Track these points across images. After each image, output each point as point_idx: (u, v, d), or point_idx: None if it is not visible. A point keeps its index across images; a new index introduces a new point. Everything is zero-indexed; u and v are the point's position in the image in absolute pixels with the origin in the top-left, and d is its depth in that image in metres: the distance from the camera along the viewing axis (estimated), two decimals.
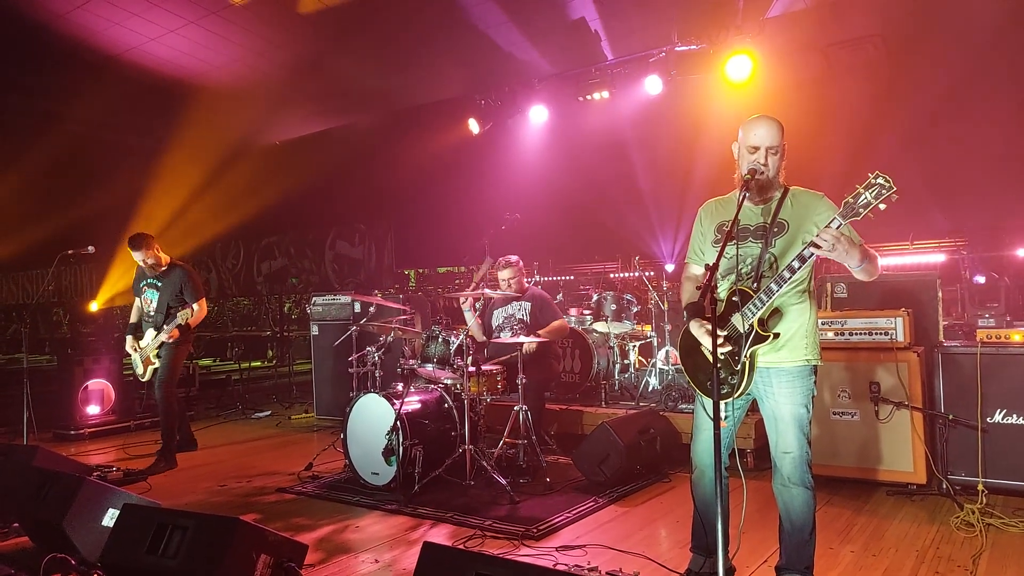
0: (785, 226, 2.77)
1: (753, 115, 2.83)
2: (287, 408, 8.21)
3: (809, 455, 2.81)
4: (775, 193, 2.82)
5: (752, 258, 2.77)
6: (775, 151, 2.76)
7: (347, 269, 11.84)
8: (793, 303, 2.79)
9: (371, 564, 3.44)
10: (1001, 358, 4.19)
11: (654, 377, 6.14)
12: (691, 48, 6.98)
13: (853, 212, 2.47)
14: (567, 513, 4.04)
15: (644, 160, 8.01)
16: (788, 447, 2.79)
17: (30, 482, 3.56)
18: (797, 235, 2.73)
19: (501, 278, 5.46)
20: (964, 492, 4.16)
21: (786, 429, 2.79)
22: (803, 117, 6.39)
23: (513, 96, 8.38)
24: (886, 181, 2.43)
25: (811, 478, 2.81)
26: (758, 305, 2.67)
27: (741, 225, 2.80)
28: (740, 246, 2.78)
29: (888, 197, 2.42)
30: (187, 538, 2.71)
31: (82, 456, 5.89)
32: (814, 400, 2.84)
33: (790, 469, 2.79)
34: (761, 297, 2.67)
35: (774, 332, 2.71)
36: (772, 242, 2.75)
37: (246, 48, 7.60)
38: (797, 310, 2.80)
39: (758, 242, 2.78)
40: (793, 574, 2.85)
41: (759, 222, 2.82)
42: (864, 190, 2.45)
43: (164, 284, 5.61)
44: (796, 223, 2.76)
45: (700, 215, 3.05)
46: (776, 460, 2.85)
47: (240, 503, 4.52)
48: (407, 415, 4.48)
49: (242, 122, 10.11)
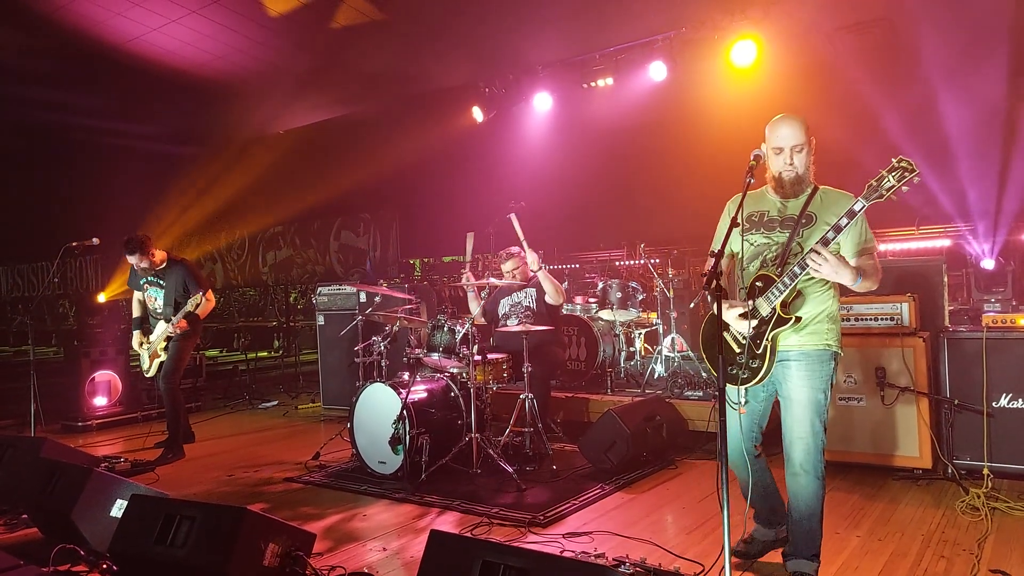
0: (813, 218, 2.82)
1: (777, 115, 2.88)
2: (294, 398, 8.24)
3: (823, 443, 2.82)
4: (805, 188, 2.88)
5: (779, 246, 2.83)
6: (799, 148, 2.81)
7: (352, 259, 11.85)
8: (816, 290, 2.84)
9: (379, 552, 3.46)
10: (1007, 343, 4.17)
11: (660, 364, 6.14)
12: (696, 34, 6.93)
13: (877, 194, 2.57)
14: (573, 500, 4.05)
15: (650, 147, 7.97)
16: (802, 432, 2.80)
17: (38, 474, 3.58)
18: (820, 227, 2.77)
19: (505, 270, 5.45)
20: (969, 476, 4.16)
21: (801, 413, 2.80)
22: (808, 101, 6.35)
23: (517, 83, 8.35)
24: (909, 164, 2.54)
25: (823, 468, 2.82)
26: (781, 289, 2.72)
27: (770, 216, 2.89)
28: (767, 235, 2.86)
29: (911, 180, 2.54)
30: (195, 528, 2.73)
31: (90, 447, 5.92)
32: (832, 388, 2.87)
33: (803, 456, 2.80)
34: (785, 280, 2.72)
35: (796, 316, 2.75)
36: (800, 232, 2.80)
37: (249, 37, 7.57)
38: (820, 296, 2.84)
39: (785, 231, 2.83)
40: (800, 560, 2.87)
41: (789, 214, 2.87)
42: (888, 173, 2.57)
43: (167, 281, 5.56)
44: (823, 216, 2.80)
45: (728, 207, 3.11)
46: (788, 447, 2.85)
47: (248, 493, 4.55)
48: (413, 404, 4.49)
49: (246, 112, 10.10)
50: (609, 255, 9.43)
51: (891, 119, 6.49)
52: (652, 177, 8.01)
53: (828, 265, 2.58)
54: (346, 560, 3.34)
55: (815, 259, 2.59)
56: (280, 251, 12.94)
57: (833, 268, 2.59)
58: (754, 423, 3.00)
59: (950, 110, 6.45)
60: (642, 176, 8.14)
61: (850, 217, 2.60)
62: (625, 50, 7.51)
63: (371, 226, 11.62)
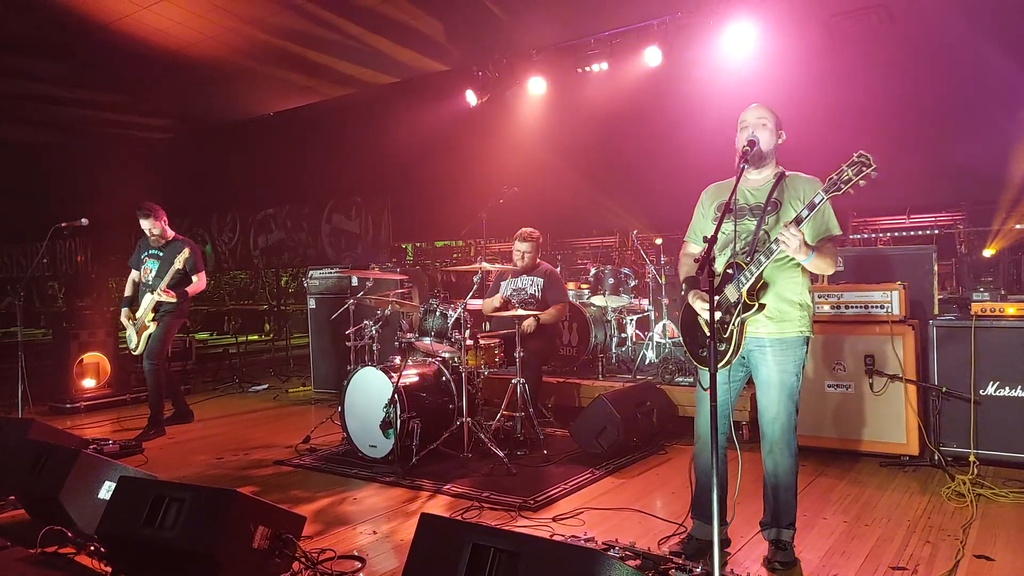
0: (778, 205, 2.92)
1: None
2: (284, 381, 8.23)
3: (795, 421, 2.98)
4: (770, 172, 2.98)
5: (748, 233, 2.91)
6: (764, 123, 2.93)
7: (344, 242, 11.79)
8: (788, 276, 2.94)
9: (369, 535, 3.46)
10: (995, 331, 4.20)
11: (651, 350, 6.15)
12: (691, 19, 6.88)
13: (835, 188, 2.64)
14: (564, 485, 4.06)
15: (644, 133, 7.92)
16: (777, 413, 2.96)
17: (26, 455, 3.56)
18: (787, 212, 2.88)
19: (517, 248, 5.43)
20: (956, 463, 4.20)
21: (777, 395, 2.95)
22: (803, 88, 6.34)
23: (511, 67, 8.27)
24: (867, 160, 2.60)
25: (796, 444, 3.00)
26: (748, 276, 2.81)
27: (739, 204, 2.95)
28: (737, 223, 2.93)
29: (867, 175, 2.59)
30: (184, 510, 2.71)
31: (78, 429, 5.90)
32: (804, 370, 3.01)
33: (778, 434, 2.96)
34: (752, 268, 2.80)
35: (760, 303, 2.83)
36: (766, 219, 2.90)
37: (240, 17, 7.47)
38: (792, 283, 2.95)
39: (754, 219, 2.92)
40: (779, 528, 3.02)
41: (755, 201, 2.97)
42: (847, 168, 2.63)
43: (166, 254, 5.69)
44: (788, 201, 2.92)
45: (702, 197, 3.22)
46: (764, 426, 3.01)
47: (237, 476, 4.55)
48: (405, 388, 4.48)
49: (237, 93, 9.99)
50: (602, 241, 9.42)
51: (884, 106, 6.48)
52: (646, 163, 7.97)
53: (795, 240, 2.66)
54: (336, 543, 3.35)
55: (784, 235, 2.67)
56: (271, 234, 12.86)
57: (798, 246, 2.68)
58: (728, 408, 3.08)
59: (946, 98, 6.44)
60: (636, 162, 8.10)
61: (810, 209, 2.70)
62: (620, 35, 7.44)
63: (363, 209, 11.55)
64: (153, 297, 5.55)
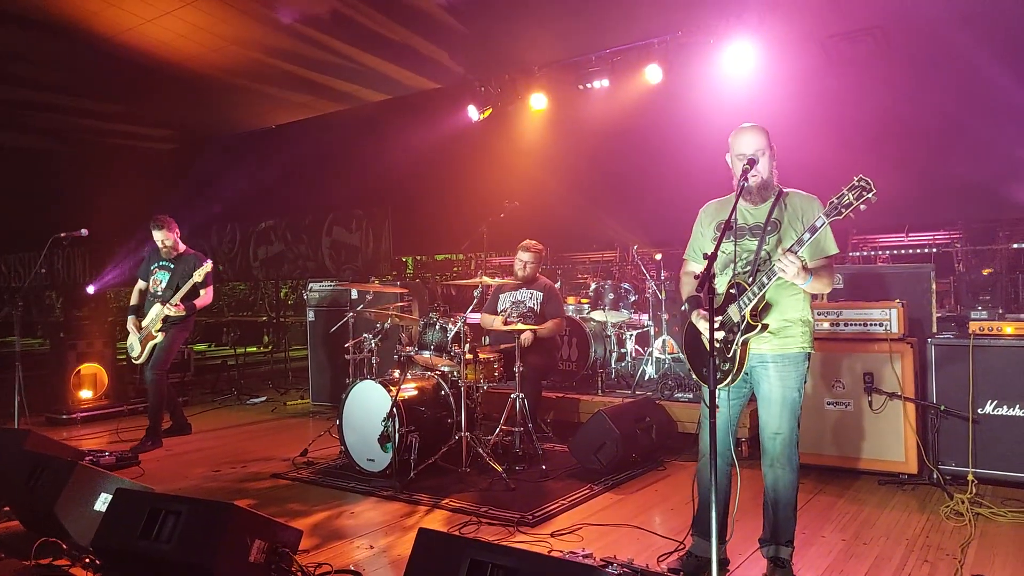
0: (778, 225, 2.93)
1: (742, 124, 2.98)
2: (283, 394, 8.20)
3: (797, 437, 2.98)
4: (771, 194, 2.98)
5: (749, 253, 2.92)
6: (762, 152, 2.91)
7: (344, 255, 11.81)
8: (790, 295, 2.94)
9: (366, 550, 3.45)
10: (993, 350, 4.21)
11: (651, 366, 6.15)
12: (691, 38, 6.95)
13: (836, 212, 2.65)
14: (562, 500, 4.05)
15: (644, 149, 7.98)
16: (779, 428, 2.96)
17: (22, 466, 3.55)
18: (788, 233, 2.90)
19: (520, 258, 5.44)
20: (954, 482, 4.19)
21: (779, 411, 2.95)
22: (801, 107, 6.39)
23: (513, 83, 8.33)
24: (867, 184, 2.60)
25: (797, 459, 2.99)
26: (751, 297, 2.83)
27: (739, 224, 2.96)
28: (738, 243, 2.94)
29: (868, 199, 2.60)
30: (181, 523, 2.71)
31: (74, 441, 5.88)
32: (805, 387, 3.02)
33: (779, 450, 2.96)
34: (754, 290, 2.82)
35: (763, 323, 2.85)
36: (766, 239, 2.91)
37: (243, 31, 7.53)
38: (793, 301, 2.96)
39: (754, 239, 2.93)
40: (778, 546, 3.00)
41: (755, 221, 2.98)
42: (847, 191, 2.63)
43: (177, 267, 5.73)
44: (788, 222, 2.93)
45: (700, 215, 3.22)
46: (765, 442, 3.01)
47: (234, 488, 4.53)
48: (403, 402, 4.47)
49: (238, 106, 10.04)
50: (602, 256, 9.44)
51: (882, 125, 6.53)
52: (646, 179, 8.01)
53: (794, 267, 2.68)
54: (333, 558, 3.33)
55: (783, 261, 2.69)
56: (271, 246, 12.88)
57: (796, 272, 2.70)
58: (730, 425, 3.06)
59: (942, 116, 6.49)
60: (636, 178, 8.15)
61: (812, 233, 2.72)
62: (621, 52, 7.51)
63: (364, 222, 11.58)
64: (163, 309, 5.55)
